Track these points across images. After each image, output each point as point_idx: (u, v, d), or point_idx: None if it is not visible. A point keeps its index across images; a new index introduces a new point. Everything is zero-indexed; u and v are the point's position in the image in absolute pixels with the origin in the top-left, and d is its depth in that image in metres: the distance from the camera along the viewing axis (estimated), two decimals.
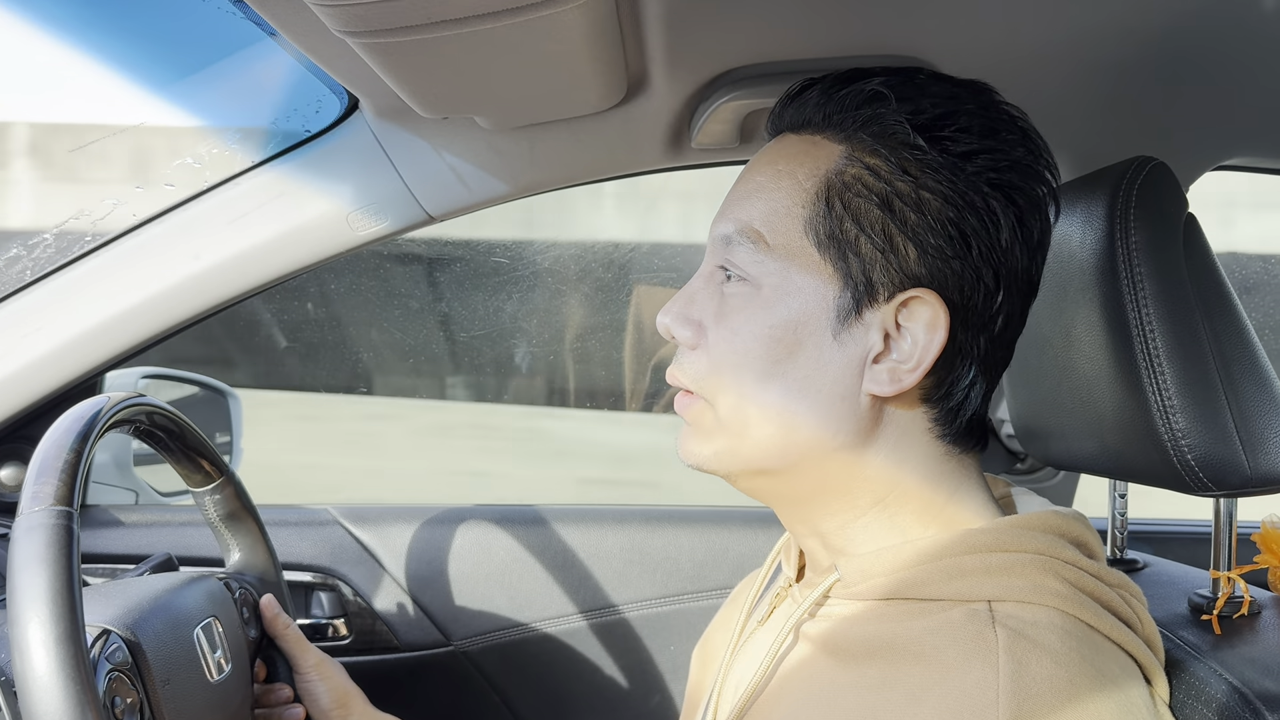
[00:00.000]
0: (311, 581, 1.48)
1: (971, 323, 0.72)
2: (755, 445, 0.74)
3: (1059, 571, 0.69)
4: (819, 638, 0.74)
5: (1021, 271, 0.73)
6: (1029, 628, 0.65)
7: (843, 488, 0.74)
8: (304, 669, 1.09)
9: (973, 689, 0.62)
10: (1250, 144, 1.22)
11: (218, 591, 1.04)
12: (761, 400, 0.73)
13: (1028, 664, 0.63)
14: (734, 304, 0.74)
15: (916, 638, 0.67)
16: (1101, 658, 0.66)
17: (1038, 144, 0.74)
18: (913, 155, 0.71)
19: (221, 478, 1.10)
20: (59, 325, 1.25)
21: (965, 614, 0.67)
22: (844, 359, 0.72)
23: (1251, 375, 0.84)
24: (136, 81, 1.30)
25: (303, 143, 1.22)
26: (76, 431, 0.85)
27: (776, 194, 0.74)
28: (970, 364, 0.73)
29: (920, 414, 0.73)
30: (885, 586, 0.71)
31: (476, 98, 1.03)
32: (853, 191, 0.71)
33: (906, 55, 1.03)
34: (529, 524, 1.53)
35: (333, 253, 1.25)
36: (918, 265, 0.70)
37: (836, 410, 0.72)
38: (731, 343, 0.74)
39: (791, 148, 0.76)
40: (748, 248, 0.73)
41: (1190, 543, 1.55)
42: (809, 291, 0.72)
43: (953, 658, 0.65)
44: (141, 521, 1.48)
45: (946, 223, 0.70)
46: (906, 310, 0.71)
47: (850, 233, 0.71)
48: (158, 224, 1.24)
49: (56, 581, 0.74)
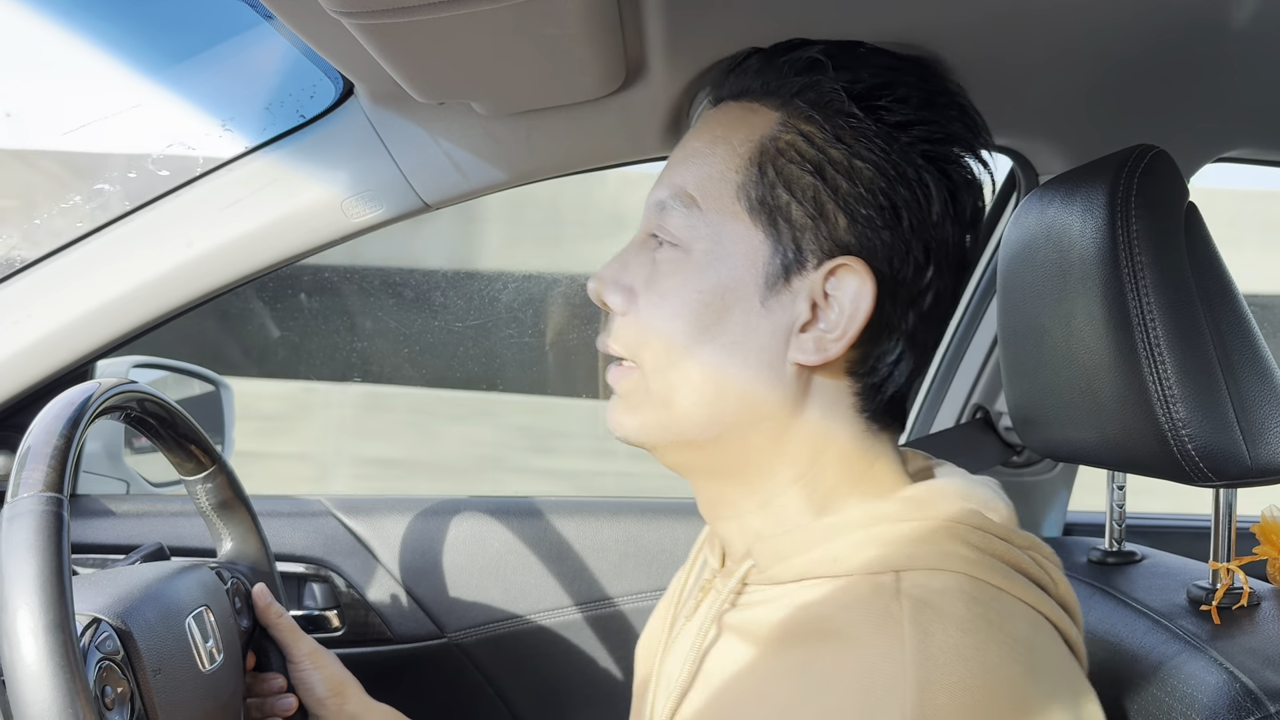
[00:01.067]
0: (304, 573, 1.47)
1: (900, 296, 0.72)
2: (682, 414, 0.74)
3: (965, 537, 0.68)
4: (739, 626, 0.73)
5: (953, 247, 0.73)
6: (935, 596, 0.65)
7: (765, 462, 0.74)
8: (297, 658, 1.08)
9: (881, 662, 0.62)
10: (1253, 136, 1.22)
11: (210, 581, 1.03)
12: (688, 366, 0.73)
13: (933, 633, 0.62)
14: (665, 269, 0.74)
15: (827, 616, 0.67)
16: (1011, 621, 0.65)
17: (976, 121, 0.74)
18: (847, 123, 0.71)
19: (213, 466, 1.09)
20: (49, 312, 1.24)
21: (871, 587, 0.67)
22: (771, 326, 0.71)
23: (1252, 365, 0.83)
24: (131, 66, 1.29)
25: (297, 128, 1.21)
26: (67, 417, 0.83)
27: (711, 159, 0.74)
28: (897, 339, 0.73)
29: (845, 387, 0.73)
30: (799, 567, 0.71)
31: (473, 82, 1.02)
32: (786, 158, 0.71)
33: (906, 41, 1.02)
34: (524, 515, 1.52)
35: (327, 240, 1.24)
36: (847, 234, 0.70)
37: (763, 378, 0.72)
38: (660, 308, 0.74)
39: (729, 114, 0.76)
40: (680, 212, 0.74)
41: (1188, 537, 1.55)
42: (739, 257, 0.72)
43: (861, 634, 0.64)
44: (132, 511, 1.47)
45: (878, 192, 0.70)
46: (835, 279, 0.71)
47: (782, 199, 0.71)
48: (150, 210, 1.23)
49: (46, 569, 0.73)
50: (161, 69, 1.31)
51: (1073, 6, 0.97)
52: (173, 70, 1.30)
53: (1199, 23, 1.00)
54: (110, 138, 1.25)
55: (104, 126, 1.23)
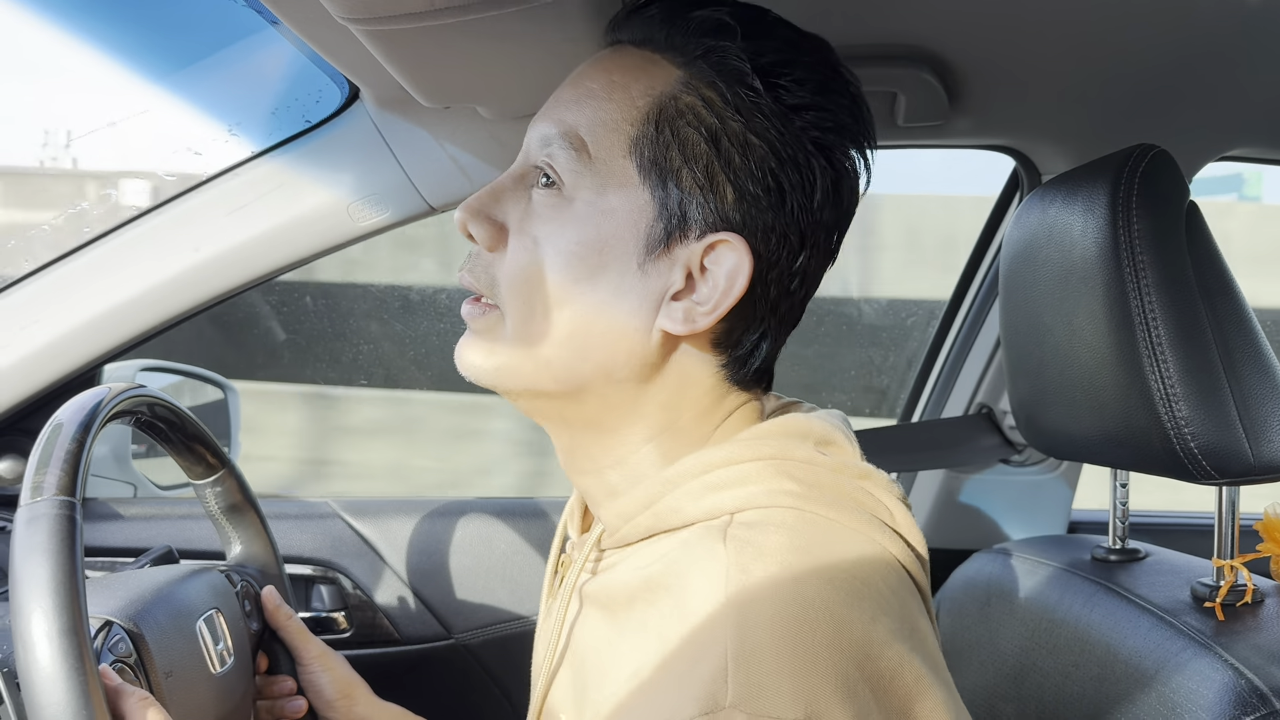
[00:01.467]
0: (312, 574, 1.48)
1: (771, 278, 0.71)
2: (540, 365, 0.72)
3: (791, 472, 0.68)
4: (595, 594, 0.73)
5: (825, 235, 0.73)
6: (755, 533, 0.64)
7: (619, 418, 0.73)
8: (307, 660, 1.08)
9: (704, 607, 0.62)
10: (1254, 136, 1.22)
11: (219, 584, 1.03)
12: (553, 318, 0.71)
13: (751, 570, 0.62)
14: (541, 212, 0.72)
15: (665, 569, 0.67)
16: (835, 548, 0.65)
17: (865, 113, 0.73)
18: (748, 96, 0.69)
19: (223, 469, 1.10)
20: (57, 317, 1.25)
21: (703, 533, 0.66)
22: (644, 290, 0.70)
23: (1254, 363, 0.84)
24: (138, 72, 1.30)
25: (303, 133, 1.21)
26: (78, 422, 0.84)
27: (607, 105, 0.71)
28: (763, 317, 0.72)
29: (709, 358, 0.73)
30: (645, 525, 0.71)
31: (479, 87, 1.03)
32: (684, 120, 0.69)
33: (909, 44, 1.03)
34: (530, 516, 1.53)
35: (333, 244, 1.24)
36: (733, 209, 0.69)
37: (627, 341, 0.71)
38: (532, 252, 0.71)
39: (629, 60, 0.73)
40: (568, 154, 0.70)
41: (1191, 535, 1.56)
42: (622, 214, 0.70)
43: (689, 581, 0.64)
44: (140, 514, 1.47)
45: (768, 172, 0.69)
46: (714, 253, 0.69)
47: (674, 162, 0.69)
48: (157, 215, 1.24)
49: (60, 572, 0.74)
50: (168, 75, 1.31)
51: (1075, 8, 0.97)
52: (179, 76, 1.31)
53: (1200, 23, 1.01)
54: (118, 143, 1.26)
55: (112, 132, 1.23)
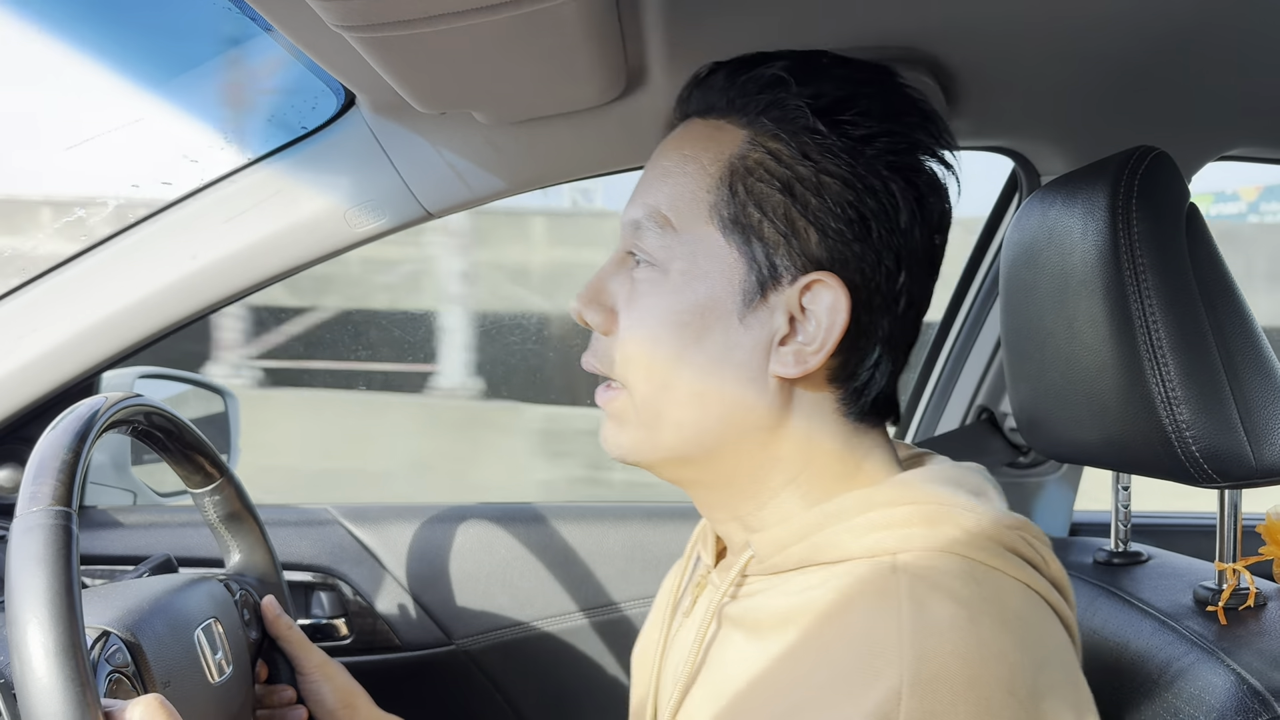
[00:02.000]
0: (312, 581, 1.47)
1: (874, 305, 0.73)
2: (670, 432, 0.75)
3: (956, 519, 0.70)
4: (740, 618, 0.75)
5: (922, 252, 0.74)
6: (930, 572, 0.66)
7: (757, 470, 0.75)
8: (307, 670, 1.08)
9: (877, 634, 0.63)
10: (1253, 135, 1.22)
11: (218, 593, 1.03)
12: (673, 384, 0.74)
13: (929, 605, 0.64)
14: (643, 289, 0.75)
15: (826, 597, 0.68)
16: (1005, 597, 0.67)
17: (938, 125, 0.75)
18: (813, 140, 0.72)
19: (221, 478, 1.10)
20: (55, 325, 1.24)
21: (870, 568, 0.68)
22: (751, 342, 0.73)
23: (1255, 366, 0.83)
24: (132, 80, 1.29)
25: (299, 139, 1.21)
26: (74, 431, 0.84)
27: (682, 179, 0.75)
28: (874, 344, 0.74)
29: (827, 394, 0.75)
30: (797, 555, 0.72)
31: (474, 92, 1.03)
32: (755, 176, 0.72)
33: (907, 46, 1.02)
34: (530, 522, 1.52)
35: (330, 250, 1.24)
36: (819, 249, 0.71)
37: (746, 393, 0.73)
38: (641, 328, 0.75)
39: (697, 132, 0.77)
40: (655, 232, 0.75)
41: (1194, 535, 1.55)
42: (715, 275, 0.73)
43: (859, 609, 0.66)
44: (140, 522, 1.47)
45: (846, 206, 0.71)
46: (810, 294, 0.72)
47: (753, 217, 0.72)
48: (153, 222, 1.23)
49: (56, 582, 0.74)
50: (163, 81, 1.31)
51: (1073, 9, 0.97)
52: (174, 83, 1.30)
53: (1198, 23, 1.00)
54: (113, 152, 1.25)
55: (107, 141, 1.23)
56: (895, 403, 0.79)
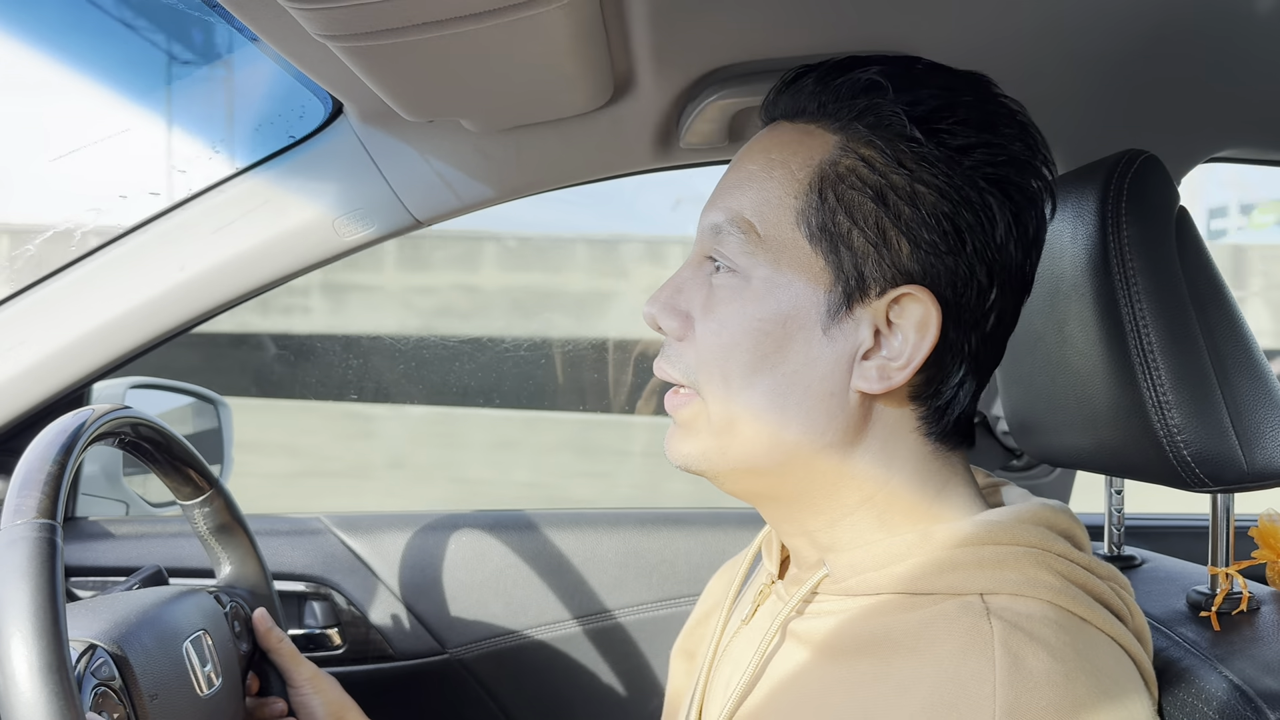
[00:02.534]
0: (304, 591, 1.47)
1: (964, 321, 0.70)
2: (744, 443, 0.72)
3: (1050, 564, 0.68)
4: (808, 635, 0.73)
5: (1015, 268, 0.72)
6: (1024, 620, 0.64)
7: (830, 487, 0.73)
8: (298, 682, 1.07)
9: (968, 681, 0.61)
10: (1242, 136, 1.22)
11: (208, 605, 1.03)
12: (749, 395, 0.71)
13: (1024, 657, 0.62)
14: (722, 295, 0.72)
15: (909, 631, 0.66)
16: (1096, 652, 0.65)
17: (1035, 138, 0.73)
18: (909, 148, 0.69)
19: (210, 490, 1.09)
20: (44, 337, 1.24)
21: (959, 606, 0.66)
22: (833, 355, 0.70)
23: (1246, 369, 0.83)
24: (120, 91, 1.29)
25: (287, 148, 1.21)
26: (60, 444, 0.83)
27: (769, 183, 0.72)
28: (961, 362, 0.72)
29: (908, 412, 0.72)
30: (875, 582, 0.70)
31: (461, 100, 1.02)
32: (846, 183, 0.70)
33: (895, 50, 1.02)
34: (522, 529, 1.52)
35: (319, 259, 1.24)
36: (910, 260, 0.69)
37: (825, 407, 0.71)
38: (719, 335, 0.72)
39: (785, 136, 0.74)
40: (738, 238, 0.72)
41: (1188, 537, 1.55)
42: (799, 285, 0.70)
43: (947, 650, 0.64)
44: (132, 533, 1.47)
45: (941, 218, 0.69)
46: (898, 307, 0.69)
47: (843, 225, 0.69)
48: (142, 232, 1.23)
49: (39, 596, 0.73)
50: (150, 92, 1.31)
51: (1060, 14, 0.97)
52: (162, 93, 1.30)
53: (1187, 26, 1.00)
54: (101, 162, 1.25)
55: (94, 151, 1.23)
56: (973, 428, 0.76)
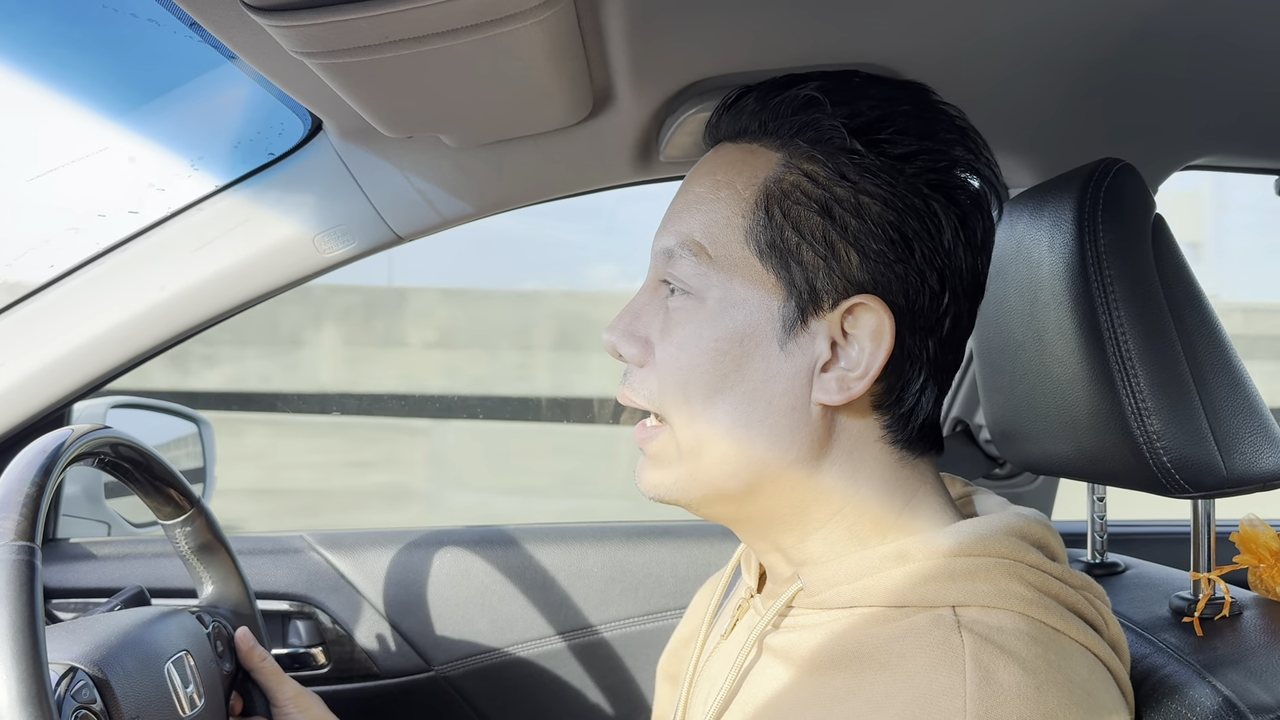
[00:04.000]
0: (288, 610, 1.46)
1: (919, 327, 0.71)
2: (712, 467, 0.73)
3: (1023, 575, 0.68)
4: (783, 649, 0.73)
5: (967, 272, 0.72)
6: (995, 633, 0.64)
7: (800, 503, 0.73)
8: (281, 701, 1.07)
9: (939, 695, 0.61)
10: (1218, 144, 1.23)
11: (190, 625, 1.02)
12: (712, 415, 0.72)
13: (995, 671, 0.62)
14: (678, 318, 0.73)
15: (881, 645, 0.66)
16: (1069, 663, 0.65)
17: (977, 142, 0.74)
18: (850, 160, 0.70)
19: (191, 509, 1.08)
20: (22, 357, 1.23)
21: (930, 620, 0.66)
22: (792, 369, 0.71)
23: (1224, 376, 0.83)
24: (96, 108, 1.29)
25: (267, 165, 1.20)
26: (39, 465, 0.83)
27: (716, 205, 0.73)
28: (920, 368, 0.72)
29: (872, 421, 0.73)
30: (849, 595, 0.70)
31: (439, 116, 1.02)
32: (791, 199, 0.70)
33: (873, 63, 1.02)
34: (507, 545, 1.51)
35: (300, 276, 1.23)
36: (860, 271, 0.70)
37: (788, 422, 0.71)
38: (678, 358, 0.73)
39: (729, 157, 0.75)
40: (689, 260, 0.72)
41: (1171, 543, 1.55)
42: (753, 302, 0.71)
43: (918, 664, 0.64)
44: (114, 554, 1.45)
45: (887, 226, 0.69)
46: (852, 317, 0.70)
47: (791, 241, 0.70)
48: (121, 251, 1.23)
49: (18, 619, 0.73)
50: (127, 110, 1.30)
51: (1035, 22, 0.97)
52: (139, 111, 1.30)
53: (1162, 34, 1.01)
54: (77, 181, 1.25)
55: (71, 170, 1.22)
56: (940, 432, 0.77)
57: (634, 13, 0.90)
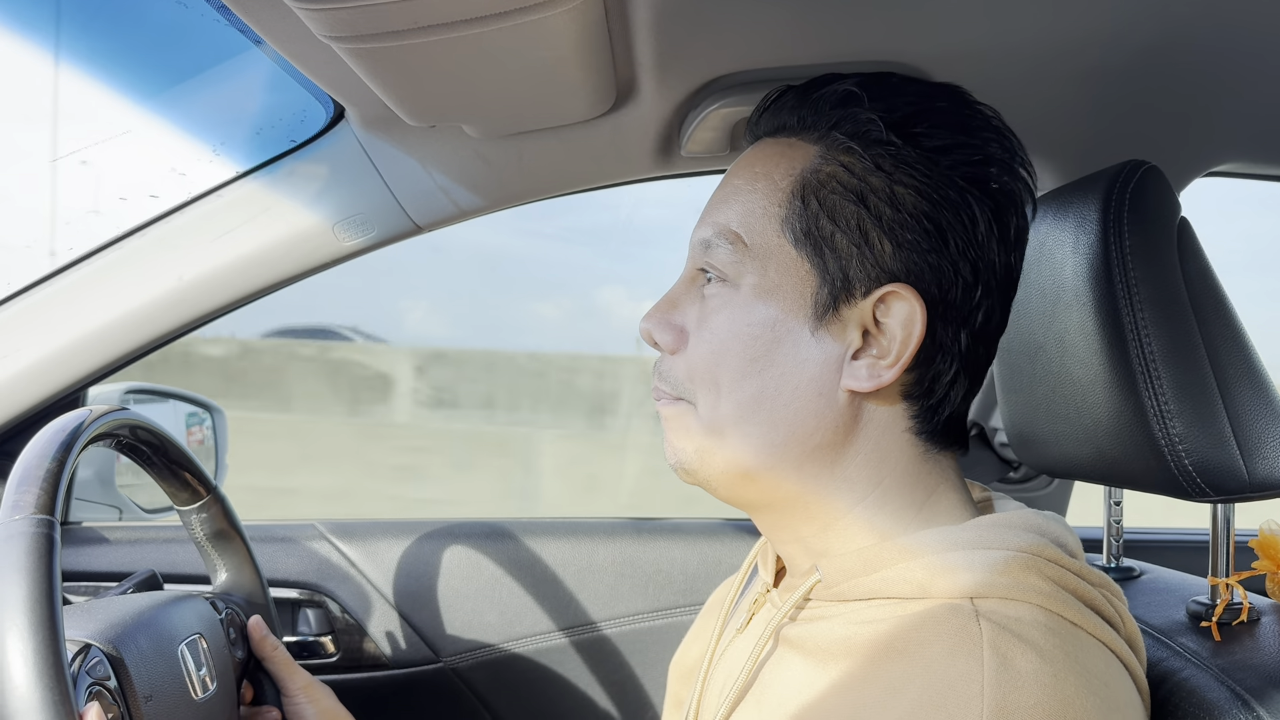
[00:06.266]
0: (298, 598, 1.46)
1: (951, 318, 0.72)
2: (735, 446, 0.74)
3: (1041, 569, 0.68)
4: (799, 640, 0.73)
5: (1000, 267, 0.73)
6: (1013, 623, 0.64)
7: (822, 490, 0.74)
8: (292, 691, 1.07)
9: (956, 681, 0.61)
10: (1242, 150, 1.22)
11: (204, 610, 1.02)
12: (738, 398, 0.73)
13: (1012, 658, 0.62)
14: (713, 305, 0.75)
15: (899, 634, 0.66)
16: (1086, 655, 0.65)
17: (1012, 142, 0.75)
18: (886, 151, 0.71)
19: (208, 495, 1.09)
20: (40, 340, 1.24)
21: (948, 609, 0.66)
22: (822, 356, 0.72)
23: (1248, 380, 0.83)
24: (121, 92, 1.29)
25: (288, 152, 1.21)
26: (59, 442, 0.83)
27: (753, 196, 0.74)
28: (951, 360, 0.73)
29: (900, 411, 0.73)
30: (867, 586, 0.70)
31: (464, 105, 1.02)
32: (828, 189, 0.72)
33: (894, 62, 1.02)
34: (518, 538, 1.51)
35: (318, 264, 1.24)
36: (893, 260, 0.71)
37: (814, 408, 0.72)
38: (710, 343, 0.74)
39: (768, 150, 0.76)
40: (726, 249, 0.74)
41: (1186, 552, 1.55)
42: (786, 289, 0.72)
43: (936, 652, 0.64)
44: (125, 538, 1.46)
45: (922, 217, 0.70)
46: (884, 305, 0.71)
47: (826, 229, 0.71)
48: (140, 236, 1.23)
49: (36, 590, 0.73)
50: (151, 94, 1.31)
51: (1061, 25, 0.97)
52: (163, 95, 1.30)
53: (1187, 39, 1.01)
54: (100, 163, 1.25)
55: (94, 152, 1.23)
56: (965, 430, 0.77)
57: (661, 6, 0.90)
